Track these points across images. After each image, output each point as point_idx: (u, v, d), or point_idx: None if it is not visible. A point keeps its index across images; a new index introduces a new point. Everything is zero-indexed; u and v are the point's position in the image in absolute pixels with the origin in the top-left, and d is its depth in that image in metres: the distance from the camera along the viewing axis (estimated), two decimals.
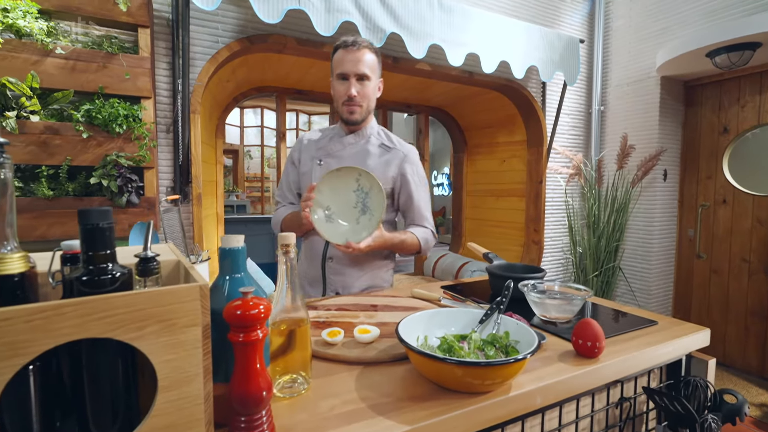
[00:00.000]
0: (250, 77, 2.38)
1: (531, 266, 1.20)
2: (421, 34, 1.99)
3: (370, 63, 1.21)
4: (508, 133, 2.99)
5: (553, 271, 2.96)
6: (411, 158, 1.33)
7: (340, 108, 1.25)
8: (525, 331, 0.71)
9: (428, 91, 2.79)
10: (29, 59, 1.42)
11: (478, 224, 3.32)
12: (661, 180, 2.75)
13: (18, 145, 1.41)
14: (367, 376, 0.69)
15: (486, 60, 2.16)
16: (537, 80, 2.74)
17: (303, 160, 1.32)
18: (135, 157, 1.56)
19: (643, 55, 2.74)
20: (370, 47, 1.22)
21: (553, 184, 2.88)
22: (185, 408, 0.45)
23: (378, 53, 1.27)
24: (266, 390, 0.50)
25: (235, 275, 0.55)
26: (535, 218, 2.81)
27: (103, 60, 1.51)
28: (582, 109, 3.00)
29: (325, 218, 1.16)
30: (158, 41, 1.74)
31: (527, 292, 0.96)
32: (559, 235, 2.95)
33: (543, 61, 2.36)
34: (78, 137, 1.48)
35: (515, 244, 2.98)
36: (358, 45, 1.20)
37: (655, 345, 0.83)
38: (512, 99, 2.77)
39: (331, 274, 1.26)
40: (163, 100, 1.77)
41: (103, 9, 1.51)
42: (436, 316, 0.80)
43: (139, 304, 0.41)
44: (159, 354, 0.43)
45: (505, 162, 3.05)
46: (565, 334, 0.87)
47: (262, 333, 0.50)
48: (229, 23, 1.86)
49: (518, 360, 0.62)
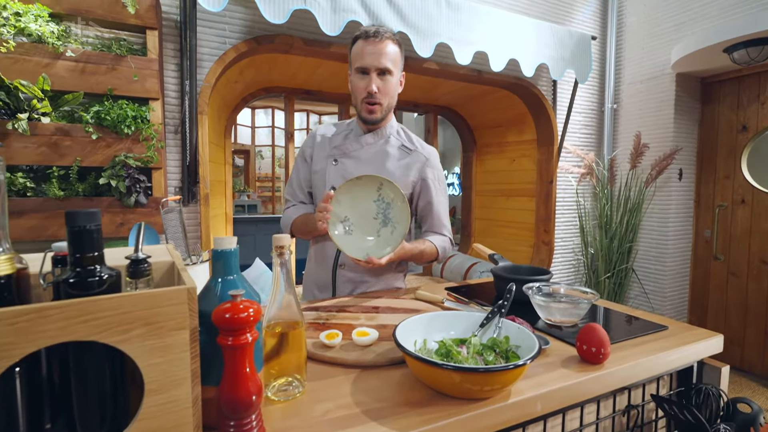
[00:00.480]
0: (257, 78, 2.39)
1: (537, 268, 1.18)
2: (428, 32, 1.97)
3: (392, 56, 1.12)
4: (518, 132, 2.95)
5: (563, 272, 2.91)
6: (432, 162, 1.25)
7: (359, 105, 1.16)
8: (526, 335, 0.70)
9: (436, 90, 2.76)
10: (41, 62, 1.45)
11: (487, 224, 3.28)
12: (677, 179, 2.68)
13: (30, 146, 1.44)
14: (364, 380, 0.68)
15: (494, 58, 2.13)
16: (547, 78, 2.69)
17: (316, 158, 1.25)
18: (143, 158, 1.58)
19: (657, 51, 2.67)
20: (393, 38, 1.13)
21: (564, 183, 2.83)
22: (173, 412, 0.44)
23: (401, 45, 1.16)
24: (256, 394, 0.49)
25: (228, 277, 0.55)
26: (545, 218, 2.76)
27: (112, 62, 1.53)
28: (594, 107, 2.94)
29: (344, 232, 1.09)
30: (167, 43, 1.76)
31: (532, 295, 0.94)
32: (570, 235, 2.90)
33: (553, 59, 2.32)
34: (88, 138, 1.50)
35: (525, 244, 2.94)
36: (381, 36, 1.10)
37: (664, 351, 0.80)
38: (522, 97, 2.73)
39: (342, 282, 1.21)
40: (171, 101, 1.79)
41: (112, 12, 1.53)
42: (436, 319, 0.79)
43: (124, 306, 0.41)
44: (145, 357, 0.43)
45: (515, 161, 3.00)
46: (570, 339, 0.84)
47: (252, 336, 0.49)
48: (237, 24, 1.87)
49: (518, 366, 0.60)
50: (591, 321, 0.98)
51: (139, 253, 0.51)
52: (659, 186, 2.69)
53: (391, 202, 1.10)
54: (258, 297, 0.59)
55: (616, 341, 0.85)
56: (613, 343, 0.84)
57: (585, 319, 0.96)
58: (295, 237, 1.31)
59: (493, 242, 3.20)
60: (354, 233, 1.10)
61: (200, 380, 0.47)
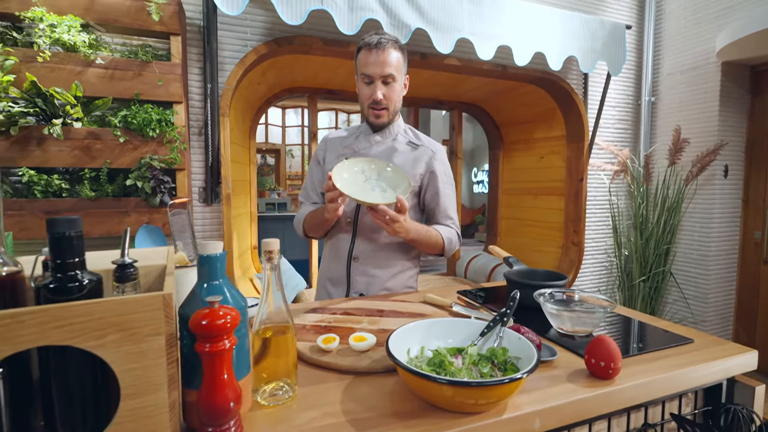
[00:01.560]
0: (280, 79, 2.42)
1: (554, 272, 1.12)
2: (449, 27, 1.92)
3: (395, 63, 1.17)
4: (546, 129, 2.84)
5: (595, 275, 2.78)
6: (440, 156, 1.29)
7: (366, 111, 1.23)
8: (527, 346, 0.66)
9: (460, 86, 2.70)
10: (74, 70, 1.53)
11: (514, 224, 3.18)
12: (721, 177, 2.49)
13: (64, 149, 1.53)
14: (356, 387, 0.66)
15: (519, 52, 2.05)
16: (578, 71, 2.57)
17: (328, 159, 1.30)
18: (167, 160, 1.64)
19: (700, 38, 2.48)
20: (395, 45, 1.17)
21: (595, 181, 2.70)
22: (150, 416, 0.45)
23: (404, 49, 1.22)
24: (234, 401, 0.49)
25: (213, 282, 0.55)
26: (574, 218, 2.64)
27: (138, 68, 1.60)
28: (630, 100, 2.78)
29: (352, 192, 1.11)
30: (190, 47, 1.81)
31: (543, 303, 0.89)
32: (602, 236, 2.77)
33: (583, 51, 2.20)
34: (116, 142, 1.58)
35: (553, 245, 2.83)
36: (383, 45, 1.14)
37: (685, 367, 0.74)
38: (550, 92, 2.62)
39: (356, 275, 1.24)
40: (195, 104, 1.84)
41: (138, 20, 1.60)
42: (435, 325, 0.76)
43: (98, 312, 0.42)
44: (121, 363, 0.43)
45: (544, 159, 2.89)
46: (582, 351, 0.79)
47: (230, 343, 0.49)
48: (257, 27, 1.90)
49: (513, 380, 0.57)
50: (608, 330, 0.92)
51: (125, 257, 0.52)
52: (701, 184, 2.51)
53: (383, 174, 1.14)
54: (245, 301, 0.59)
55: (633, 354, 0.79)
56: (629, 356, 0.79)
57: (601, 329, 0.91)
58: (309, 237, 1.34)
59: (520, 242, 3.10)
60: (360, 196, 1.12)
61: (179, 385, 0.48)
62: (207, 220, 1.92)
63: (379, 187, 1.13)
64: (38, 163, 1.51)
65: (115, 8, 1.57)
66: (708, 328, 2.53)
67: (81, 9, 1.53)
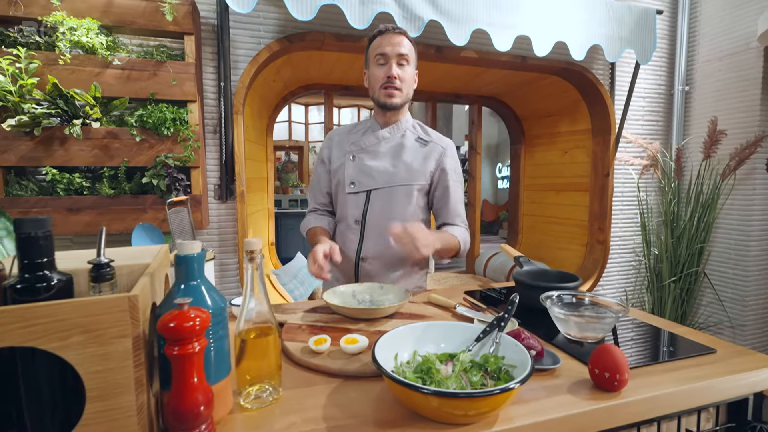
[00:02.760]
0: (296, 76, 2.43)
1: (566, 273, 1.06)
2: (463, 18, 1.86)
3: (409, 48, 1.17)
4: (570, 122, 2.72)
5: (621, 275, 2.65)
6: (449, 152, 1.26)
7: (378, 92, 1.19)
8: (523, 354, 0.62)
9: (478, 79, 2.62)
10: (93, 71, 1.57)
11: (536, 221, 3.08)
12: (763, 171, 2.31)
13: (85, 149, 1.58)
14: (343, 392, 0.64)
15: (538, 42, 1.97)
16: (603, 61, 2.44)
17: (334, 157, 1.27)
18: (181, 158, 1.66)
19: (740, 22, 2.30)
20: (407, 35, 1.19)
21: (622, 177, 2.57)
22: (116, 419, 0.45)
23: (415, 44, 1.22)
24: (204, 405, 0.48)
25: (191, 282, 0.54)
26: (599, 215, 2.52)
27: (154, 68, 1.63)
28: (661, 90, 2.62)
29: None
30: (205, 46, 1.84)
31: (550, 306, 0.85)
32: (629, 234, 2.63)
33: (608, 39, 2.09)
34: (133, 141, 1.62)
35: (577, 243, 2.71)
36: (396, 31, 1.17)
37: (702, 380, 0.67)
38: (574, 83, 2.50)
39: (364, 275, 1.23)
40: (210, 103, 1.87)
41: (153, 21, 1.63)
42: (430, 329, 0.73)
43: (62, 313, 0.41)
44: (86, 365, 0.43)
45: (567, 153, 2.78)
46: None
47: (200, 345, 0.48)
48: (270, 24, 1.90)
49: (504, 390, 0.53)
50: (621, 337, 0.86)
51: (101, 257, 0.52)
52: (740, 179, 2.34)
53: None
54: (224, 302, 0.58)
55: (644, 364, 0.73)
56: (641, 365, 0.73)
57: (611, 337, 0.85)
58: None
59: (542, 240, 3.00)
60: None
61: (148, 388, 0.47)
62: (222, 217, 1.95)
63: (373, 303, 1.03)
64: (61, 162, 1.56)
65: (131, 10, 1.60)
66: (747, 332, 2.36)
67: (99, 12, 1.57)
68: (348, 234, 1.23)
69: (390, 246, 1.21)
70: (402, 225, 0.99)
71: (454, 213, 1.23)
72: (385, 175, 1.19)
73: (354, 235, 1.22)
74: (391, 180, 1.19)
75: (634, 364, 0.73)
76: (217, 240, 1.95)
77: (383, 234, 1.20)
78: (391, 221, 1.19)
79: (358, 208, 1.20)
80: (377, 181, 1.19)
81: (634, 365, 0.73)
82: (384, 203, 1.19)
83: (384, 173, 1.19)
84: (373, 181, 1.20)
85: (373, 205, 1.19)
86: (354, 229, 1.22)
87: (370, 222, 1.20)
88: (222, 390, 0.56)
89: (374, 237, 1.20)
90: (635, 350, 0.81)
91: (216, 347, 0.55)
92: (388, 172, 1.19)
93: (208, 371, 0.54)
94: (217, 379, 0.56)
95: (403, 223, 1.01)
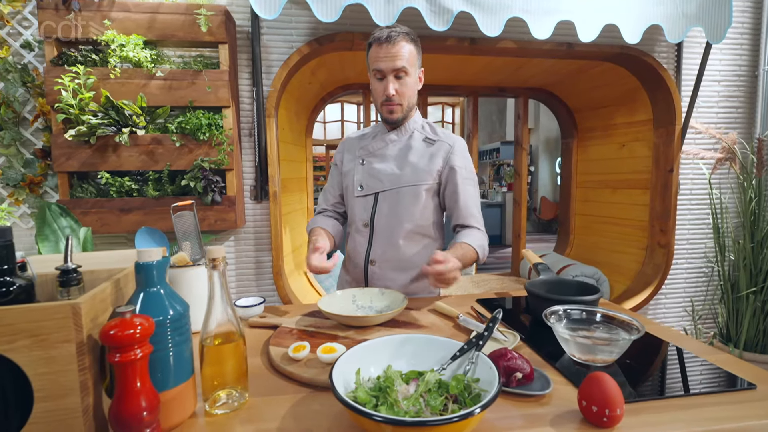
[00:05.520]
0: (331, 77, 2.45)
1: (587, 284, 0.96)
2: (496, 7, 1.75)
3: (407, 56, 1.11)
4: (628, 112, 2.46)
5: (689, 283, 2.36)
6: (458, 150, 1.20)
7: (380, 107, 1.19)
8: (494, 376, 0.56)
9: (522, 70, 2.46)
10: (139, 83, 1.72)
11: (589, 221, 2.84)
12: None
13: (133, 155, 1.73)
14: (307, 403, 0.63)
15: (583, 27, 1.79)
16: (667, 42, 2.17)
17: (346, 161, 1.30)
18: (215, 161, 1.76)
19: None
20: (406, 37, 1.12)
21: (690, 172, 2.27)
22: (63, 420, 0.47)
23: (417, 41, 1.15)
24: (147, 411, 0.49)
25: (150, 289, 0.56)
26: (662, 215, 2.26)
27: (191, 77, 1.74)
28: (742, 72, 2.27)
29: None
30: (240, 53, 1.92)
31: (554, 324, 0.76)
32: (698, 237, 2.33)
33: (669, 18, 1.85)
34: (174, 146, 1.74)
35: (636, 246, 2.45)
36: (393, 39, 1.09)
37: (723, 423, 0.56)
38: (632, 70, 2.26)
39: (373, 278, 1.22)
40: (245, 107, 1.95)
41: (191, 33, 1.73)
42: (407, 343, 0.69)
43: (8, 318, 0.45)
44: (33, 367, 0.46)
45: (625, 147, 2.52)
46: None
47: (142, 352, 0.49)
48: (302, 28, 1.94)
49: (463, 418, 0.48)
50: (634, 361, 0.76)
51: (68, 263, 0.55)
52: None
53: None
54: (184, 307, 0.59)
55: (654, 398, 0.63)
56: (648, 400, 0.63)
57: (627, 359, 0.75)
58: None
59: (596, 242, 2.76)
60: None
61: (92, 391, 0.49)
62: (258, 217, 2.03)
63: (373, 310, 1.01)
64: (113, 167, 1.73)
65: (171, 24, 1.72)
66: None
67: (144, 28, 1.71)
68: (357, 237, 1.23)
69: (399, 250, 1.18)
70: (428, 268, 0.92)
71: (466, 213, 1.17)
72: (392, 177, 1.17)
73: (363, 238, 1.21)
74: (397, 181, 1.16)
75: (637, 397, 0.63)
76: (253, 238, 2.04)
77: (392, 237, 1.18)
78: (399, 223, 1.17)
79: (367, 211, 1.19)
80: (384, 183, 1.17)
81: (636, 399, 0.63)
82: (391, 205, 1.17)
83: (391, 175, 1.17)
84: (380, 183, 1.18)
85: (381, 207, 1.18)
86: (363, 232, 1.20)
87: (378, 224, 1.18)
88: (181, 394, 0.57)
89: (383, 240, 1.18)
90: (648, 379, 0.71)
91: (175, 352, 0.57)
92: (395, 174, 1.17)
93: (166, 375, 0.56)
94: (177, 383, 0.57)
95: (427, 264, 0.93)
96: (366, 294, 1.02)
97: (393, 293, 1.00)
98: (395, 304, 0.95)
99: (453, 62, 2.29)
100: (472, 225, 1.16)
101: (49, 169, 1.81)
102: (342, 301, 0.99)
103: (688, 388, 0.67)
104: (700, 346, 0.82)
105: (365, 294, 1.02)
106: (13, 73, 1.73)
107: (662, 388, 0.67)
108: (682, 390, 0.67)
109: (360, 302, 1.00)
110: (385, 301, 0.99)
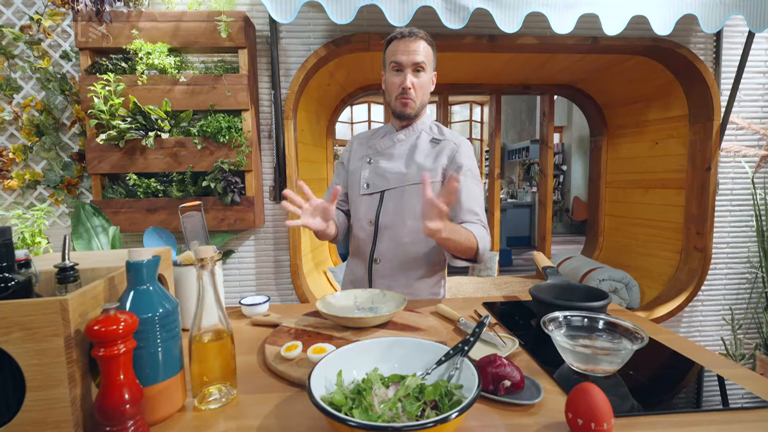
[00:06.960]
0: (351, 78, 2.47)
1: (595, 290, 0.91)
2: (514, 1, 1.70)
3: (426, 53, 1.14)
4: (661, 108, 2.33)
5: (729, 290, 2.20)
6: (463, 150, 1.20)
7: (393, 101, 1.19)
8: (475, 384, 0.54)
9: (547, 66, 2.39)
10: (164, 89, 1.80)
11: (619, 222, 2.71)
12: None
13: (159, 157, 1.82)
14: (292, 403, 0.64)
15: (608, 20, 1.71)
16: (703, 33, 2.03)
17: (352, 160, 1.31)
18: (235, 163, 1.82)
19: None
20: (426, 38, 1.15)
21: (731, 170, 2.12)
22: (53, 408, 0.50)
23: (433, 45, 1.19)
24: (130, 404, 0.51)
25: (139, 287, 0.58)
26: (698, 217, 2.12)
27: (212, 82, 1.80)
28: None
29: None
30: (260, 57, 1.97)
31: (552, 332, 0.73)
32: (739, 240, 2.17)
33: (704, 6, 1.73)
34: (196, 148, 1.81)
35: (670, 249, 2.32)
36: (414, 35, 1.13)
37: None
38: (665, 63, 2.13)
39: (377, 277, 1.22)
40: (265, 110, 2.00)
41: (212, 39, 1.80)
42: (395, 346, 0.68)
43: (3, 312, 0.48)
44: (25, 358, 0.49)
45: (658, 145, 2.38)
46: None
47: (126, 347, 0.51)
48: (319, 31, 1.97)
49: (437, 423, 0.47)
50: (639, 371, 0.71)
51: (66, 261, 0.58)
52: None
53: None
54: (173, 305, 0.61)
55: (654, 413, 0.59)
56: (645, 414, 0.59)
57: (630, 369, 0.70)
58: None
59: (626, 244, 2.63)
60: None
61: (80, 383, 0.52)
62: (277, 216, 2.08)
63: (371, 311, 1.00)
64: (141, 169, 1.82)
65: (193, 31, 1.79)
66: None
67: (168, 36, 1.79)
68: (361, 235, 1.23)
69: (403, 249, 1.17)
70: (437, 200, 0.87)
71: (466, 209, 1.13)
72: (398, 175, 1.18)
73: (367, 237, 1.21)
74: (403, 180, 1.17)
75: (637, 411, 0.60)
76: (272, 238, 2.08)
77: (397, 235, 1.17)
78: (404, 222, 1.17)
79: (372, 209, 1.20)
80: (390, 182, 1.18)
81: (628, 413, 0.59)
82: (397, 204, 1.17)
83: (397, 174, 1.18)
84: (386, 182, 1.18)
85: (386, 205, 1.18)
86: (367, 231, 1.21)
87: (383, 223, 1.18)
88: (169, 388, 0.59)
89: (387, 238, 1.18)
90: (654, 391, 0.66)
91: (163, 347, 0.59)
92: (401, 173, 1.17)
93: (154, 370, 0.58)
94: (165, 377, 0.59)
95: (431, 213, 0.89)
96: (368, 295, 1.02)
97: (395, 295, 0.99)
98: (396, 305, 0.94)
99: (474, 60, 2.25)
100: (474, 222, 1.13)
101: (84, 172, 1.93)
102: (344, 301, 1.00)
103: (694, 403, 0.62)
104: (714, 357, 0.77)
105: (366, 295, 1.02)
106: (54, 82, 1.86)
107: (667, 403, 0.63)
108: (693, 405, 0.62)
109: (361, 303, 1.00)
110: (386, 303, 0.98)
